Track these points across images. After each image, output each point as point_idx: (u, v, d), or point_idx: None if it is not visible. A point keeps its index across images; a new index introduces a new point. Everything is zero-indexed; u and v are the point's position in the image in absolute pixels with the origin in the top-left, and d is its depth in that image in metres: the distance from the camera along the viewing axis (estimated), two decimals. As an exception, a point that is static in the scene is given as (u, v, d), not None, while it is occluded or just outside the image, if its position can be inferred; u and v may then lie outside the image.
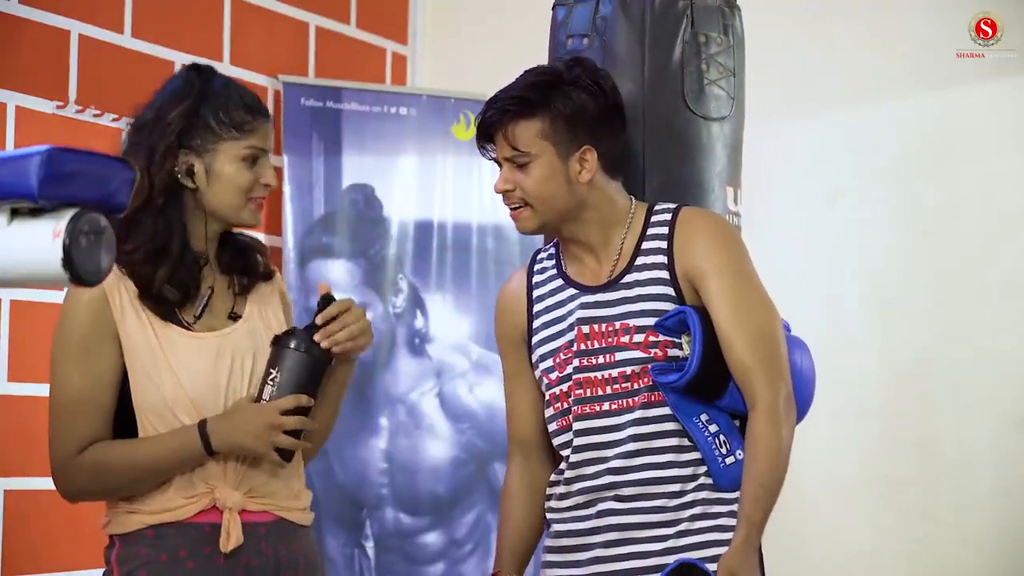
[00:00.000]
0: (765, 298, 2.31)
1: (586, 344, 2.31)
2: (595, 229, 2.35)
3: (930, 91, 3.99)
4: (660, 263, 2.31)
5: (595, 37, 2.57)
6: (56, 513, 3.75)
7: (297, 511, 2.36)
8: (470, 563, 4.35)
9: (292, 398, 2.26)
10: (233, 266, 2.38)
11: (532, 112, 2.31)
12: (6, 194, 1.46)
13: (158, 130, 2.29)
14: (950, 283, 3.91)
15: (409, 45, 4.96)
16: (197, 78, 2.34)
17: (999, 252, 3.88)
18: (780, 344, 2.27)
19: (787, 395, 2.25)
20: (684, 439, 2.28)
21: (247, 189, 2.32)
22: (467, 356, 4.38)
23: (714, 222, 2.36)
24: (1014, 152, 3.91)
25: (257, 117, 2.33)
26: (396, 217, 4.39)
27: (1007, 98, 3.91)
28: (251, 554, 2.28)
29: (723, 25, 2.67)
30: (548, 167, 2.31)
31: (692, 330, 2.25)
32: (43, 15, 3.79)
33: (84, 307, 2.25)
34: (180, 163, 2.29)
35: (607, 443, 2.30)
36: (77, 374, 2.24)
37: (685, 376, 2.24)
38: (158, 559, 2.24)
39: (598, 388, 2.30)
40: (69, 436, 2.25)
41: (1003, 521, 3.83)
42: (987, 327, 3.87)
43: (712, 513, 2.28)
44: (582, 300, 2.34)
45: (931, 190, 3.98)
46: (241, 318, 2.36)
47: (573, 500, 2.33)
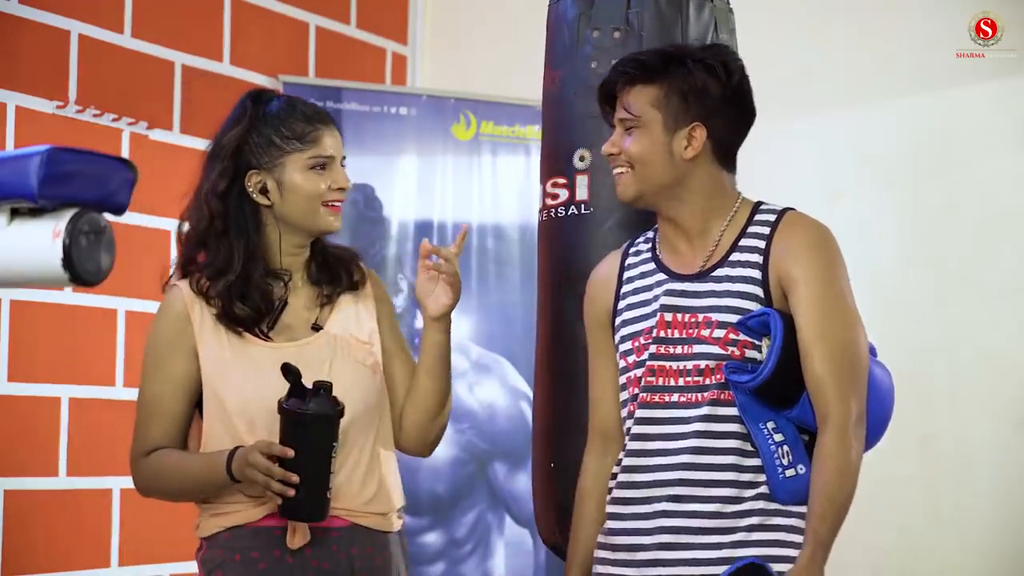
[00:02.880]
0: (853, 314, 2.25)
1: (666, 332, 2.27)
2: (693, 213, 2.31)
3: (930, 91, 3.99)
4: (755, 262, 2.27)
5: (630, 31, 2.58)
6: (56, 513, 3.75)
7: (373, 517, 2.40)
8: (470, 563, 4.35)
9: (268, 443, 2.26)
10: (320, 278, 2.46)
11: (650, 79, 2.29)
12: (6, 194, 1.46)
13: (214, 157, 2.42)
14: (950, 283, 3.91)
15: (409, 45, 4.96)
16: (251, 102, 2.44)
17: (999, 252, 3.88)
18: (860, 361, 2.21)
19: (859, 413, 2.19)
20: (747, 444, 2.22)
21: (319, 195, 2.39)
22: (467, 356, 4.38)
23: (816, 230, 2.30)
24: (1014, 152, 3.91)
25: (318, 126, 2.41)
26: (396, 217, 4.39)
27: (1007, 98, 3.90)
28: (321, 557, 2.34)
29: (730, 29, 2.70)
30: (652, 136, 2.29)
31: (772, 333, 2.19)
32: (43, 15, 3.79)
33: (166, 320, 2.40)
34: (254, 183, 2.40)
35: (669, 435, 2.25)
36: (153, 383, 2.39)
37: (758, 378, 2.18)
38: (232, 560, 2.34)
39: (670, 378, 2.26)
40: (141, 438, 2.40)
41: (1003, 521, 3.83)
42: (987, 327, 3.86)
43: (771, 525, 2.22)
44: (669, 287, 2.30)
45: (931, 190, 3.97)
46: (322, 329, 2.42)
47: (629, 493, 2.28)
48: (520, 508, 4.35)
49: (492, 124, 4.53)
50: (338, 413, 2.27)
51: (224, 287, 2.37)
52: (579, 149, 2.65)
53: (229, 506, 2.36)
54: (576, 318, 2.59)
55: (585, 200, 2.64)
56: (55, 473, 3.76)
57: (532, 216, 4.56)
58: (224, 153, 2.41)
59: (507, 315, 4.45)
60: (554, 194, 2.68)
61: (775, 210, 2.32)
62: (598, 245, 2.61)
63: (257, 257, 2.40)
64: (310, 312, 2.44)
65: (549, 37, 2.73)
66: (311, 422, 2.24)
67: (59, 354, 3.79)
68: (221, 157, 2.41)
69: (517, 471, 4.37)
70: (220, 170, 2.40)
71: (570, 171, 2.65)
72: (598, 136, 2.61)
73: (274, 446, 2.24)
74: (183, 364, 2.38)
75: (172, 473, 2.37)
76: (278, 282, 2.42)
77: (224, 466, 2.29)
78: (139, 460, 2.40)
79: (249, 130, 2.40)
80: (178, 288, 2.41)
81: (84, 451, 3.81)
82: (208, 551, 2.39)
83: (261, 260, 2.41)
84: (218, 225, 2.40)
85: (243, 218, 2.40)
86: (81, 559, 3.82)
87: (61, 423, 3.77)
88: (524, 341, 4.39)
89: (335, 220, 2.42)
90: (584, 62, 2.63)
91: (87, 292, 3.73)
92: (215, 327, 2.38)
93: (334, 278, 2.47)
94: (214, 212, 2.39)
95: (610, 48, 2.59)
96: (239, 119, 2.43)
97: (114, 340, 3.91)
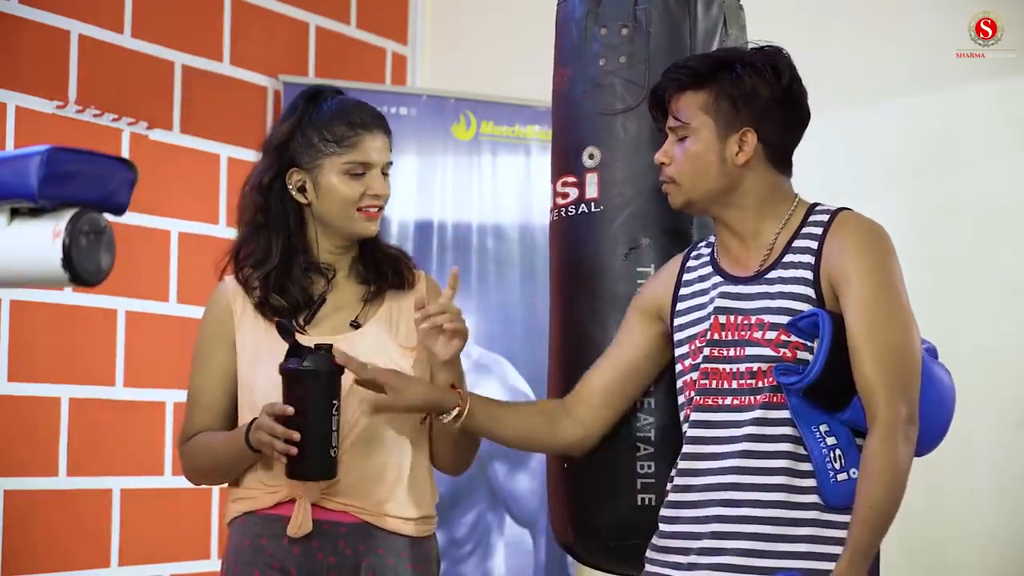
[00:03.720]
0: (905, 314, 2.20)
1: (720, 334, 2.25)
2: (746, 217, 2.29)
3: (930, 91, 3.99)
4: (807, 263, 2.23)
5: (638, 28, 2.57)
6: (56, 513, 3.76)
7: (391, 519, 2.39)
8: (470, 563, 4.35)
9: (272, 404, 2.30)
10: (367, 276, 2.48)
11: (699, 84, 2.28)
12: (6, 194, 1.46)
13: (264, 151, 2.47)
14: (950, 283, 3.91)
15: (409, 45, 4.96)
16: (303, 101, 2.46)
17: (999, 252, 3.87)
18: (911, 362, 2.17)
19: (908, 415, 2.13)
20: (800, 447, 2.18)
21: (354, 200, 2.41)
22: (467, 356, 4.37)
23: (869, 228, 2.25)
24: (1014, 152, 3.90)
25: (360, 132, 2.42)
26: (396, 217, 4.39)
27: (1007, 98, 3.90)
28: (327, 551, 2.36)
29: (740, 25, 2.70)
30: (704, 142, 2.27)
31: (820, 334, 2.16)
32: (43, 15, 3.79)
33: (210, 314, 2.48)
34: (294, 181, 2.43)
35: (723, 438, 2.22)
36: (196, 374, 2.47)
37: (805, 379, 2.15)
38: (243, 544, 2.40)
39: (724, 381, 2.23)
40: (185, 426, 2.48)
41: (1003, 521, 3.83)
42: (987, 327, 3.86)
43: (827, 537, 2.17)
44: (723, 289, 2.28)
45: (931, 190, 3.97)
46: (361, 327, 2.44)
47: (684, 496, 2.26)
48: (520, 508, 4.36)
49: (492, 124, 4.53)
50: (335, 369, 2.29)
51: (263, 278, 2.41)
52: (588, 147, 2.64)
53: (246, 491, 2.41)
54: (588, 317, 2.58)
55: (595, 198, 2.63)
56: (55, 473, 3.76)
57: (532, 216, 4.56)
58: (271, 148, 2.45)
59: (507, 315, 4.45)
60: (564, 193, 2.67)
61: (829, 210, 2.29)
62: (609, 243, 2.60)
63: (298, 251, 2.44)
64: (351, 310, 2.46)
65: (558, 35, 2.72)
66: (306, 378, 2.27)
67: (59, 354, 3.79)
68: (268, 152, 2.46)
69: (517, 471, 4.37)
70: (266, 165, 2.45)
71: (580, 169, 2.64)
72: (607, 134, 2.61)
73: (276, 405, 2.28)
74: (224, 356, 2.44)
75: (203, 452, 2.43)
76: (320, 278, 2.45)
77: (243, 436, 2.33)
78: (181, 447, 2.47)
79: (296, 128, 2.43)
80: (224, 283, 2.48)
81: (84, 451, 3.81)
82: (229, 538, 2.45)
83: (302, 255, 2.44)
84: (259, 218, 2.44)
85: (284, 213, 2.44)
86: (81, 559, 3.82)
87: (61, 423, 3.78)
88: (524, 341, 4.39)
89: (370, 224, 2.43)
90: (592, 60, 2.62)
91: (87, 292, 3.74)
92: (255, 319, 2.43)
93: (380, 275, 2.48)
94: (256, 205, 2.44)
95: (618, 45, 2.58)
96: (288, 117, 2.47)
97: (114, 340, 3.91)
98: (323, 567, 2.35)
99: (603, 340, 2.53)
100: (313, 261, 2.44)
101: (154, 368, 3.97)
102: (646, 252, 2.55)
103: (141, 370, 3.95)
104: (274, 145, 2.45)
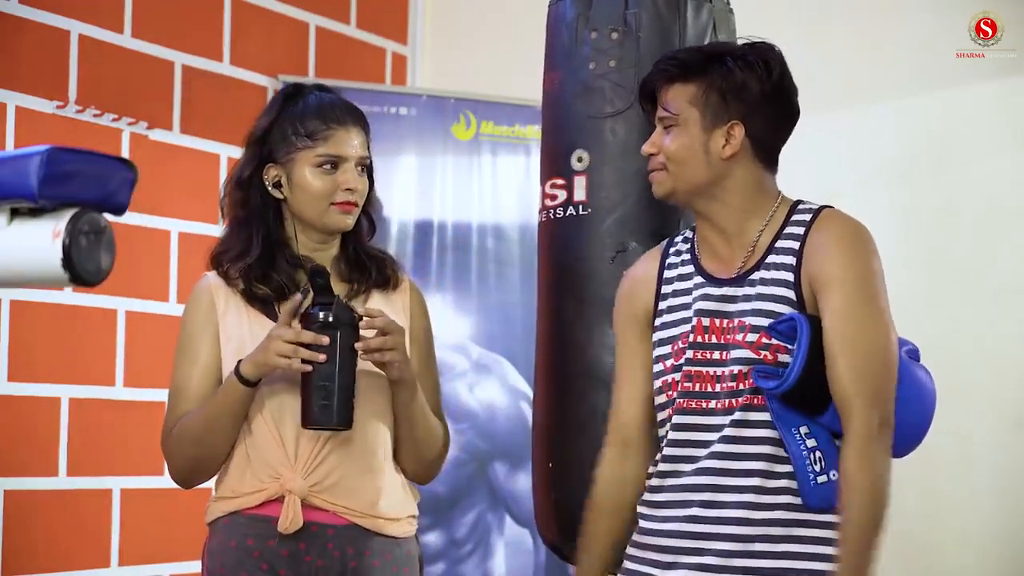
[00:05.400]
0: (883, 319, 2.18)
1: (703, 337, 2.23)
2: (730, 213, 2.27)
3: (930, 91, 3.99)
4: (788, 264, 2.21)
5: (628, 32, 2.57)
6: (56, 513, 3.76)
7: (379, 520, 2.39)
8: (470, 563, 4.35)
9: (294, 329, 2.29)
10: (349, 276, 2.47)
11: (688, 77, 2.26)
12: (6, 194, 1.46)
13: (245, 145, 2.47)
14: (949, 283, 3.91)
15: (409, 45, 4.96)
16: (282, 97, 2.47)
17: (998, 252, 3.88)
18: (886, 369, 2.15)
19: (881, 422, 2.11)
20: (779, 449, 2.16)
21: (327, 194, 2.41)
22: (467, 356, 4.38)
23: (850, 229, 2.23)
24: (1013, 152, 3.91)
25: (332, 126, 2.41)
26: (396, 217, 4.39)
27: (1007, 98, 3.90)
28: (316, 553, 2.35)
29: (730, 30, 2.70)
30: (689, 134, 2.25)
31: (798, 339, 2.14)
32: (43, 15, 3.79)
33: (193, 308, 2.45)
34: (270, 177, 2.44)
35: (703, 442, 2.21)
36: (180, 367, 2.44)
37: (783, 385, 2.13)
38: (229, 545, 2.37)
39: (707, 384, 2.22)
40: (168, 419, 2.42)
41: (1003, 520, 3.83)
42: (986, 327, 3.86)
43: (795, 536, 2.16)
44: (705, 291, 2.26)
45: (931, 190, 3.97)
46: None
47: (664, 496, 2.25)
48: (520, 508, 4.35)
49: (492, 124, 4.53)
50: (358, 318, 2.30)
51: (244, 269, 2.41)
52: (577, 150, 2.65)
53: (231, 490, 2.38)
54: (575, 319, 2.59)
55: (583, 201, 2.64)
56: (55, 473, 3.76)
57: (532, 216, 4.56)
58: (250, 143, 2.46)
59: (507, 315, 4.45)
60: (553, 195, 2.68)
61: (812, 208, 2.28)
62: (596, 246, 2.61)
63: (280, 245, 2.44)
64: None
65: (548, 38, 2.73)
66: (339, 325, 2.27)
67: (59, 354, 3.80)
68: (248, 146, 2.47)
69: (517, 471, 4.37)
70: (245, 159, 2.46)
71: (568, 172, 2.65)
72: (596, 137, 2.62)
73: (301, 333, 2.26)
74: (209, 348, 2.42)
75: (190, 426, 2.37)
76: (303, 273, 2.43)
77: (234, 377, 2.31)
78: (166, 440, 2.42)
79: (273, 123, 2.44)
80: (205, 277, 2.47)
81: (84, 451, 3.81)
82: (211, 537, 2.42)
83: (284, 248, 2.44)
84: (240, 213, 2.45)
85: (263, 208, 2.44)
86: (81, 559, 3.82)
87: (61, 423, 3.78)
88: (524, 341, 4.39)
89: (346, 217, 2.42)
90: (582, 63, 2.63)
91: (87, 292, 3.74)
92: (238, 312, 2.42)
93: (363, 274, 2.48)
94: (236, 200, 2.46)
95: (608, 49, 2.59)
96: (266, 112, 2.47)
97: (114, 340, 3.91)
98: (311, 570, 2.34)
99: (588, 340, 2.53)
100: (295, 256, 2.44)
101: (154, 368, 3.96)
102: (633, 255, 2.54)
103: (141, 370, 3.95)
104: (253, 140, 2.46)
